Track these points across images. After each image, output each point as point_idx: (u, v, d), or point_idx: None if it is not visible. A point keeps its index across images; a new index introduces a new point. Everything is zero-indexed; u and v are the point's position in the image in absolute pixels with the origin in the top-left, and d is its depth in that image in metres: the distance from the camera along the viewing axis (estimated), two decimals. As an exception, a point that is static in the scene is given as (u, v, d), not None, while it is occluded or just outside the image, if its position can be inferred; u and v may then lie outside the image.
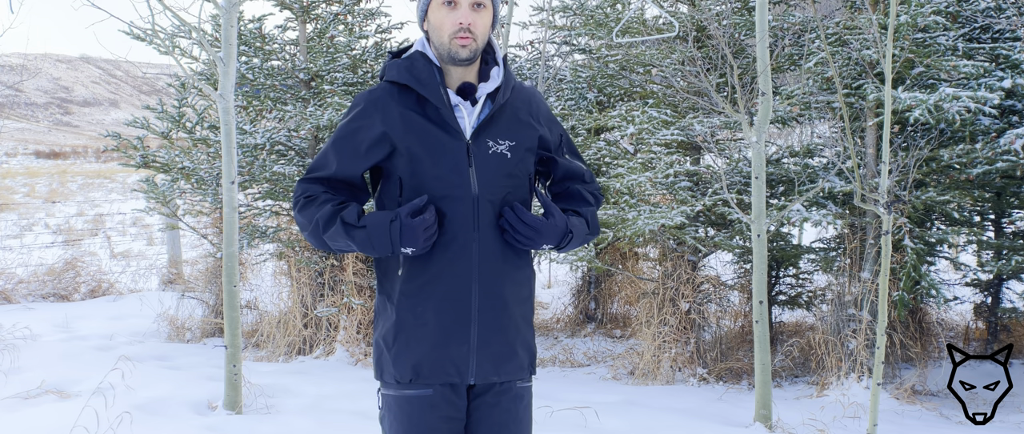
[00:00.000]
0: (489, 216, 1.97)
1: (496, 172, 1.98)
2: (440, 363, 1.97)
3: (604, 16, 6.41)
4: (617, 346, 6.83)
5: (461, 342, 1.97)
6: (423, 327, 1.97)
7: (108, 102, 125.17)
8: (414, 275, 1.97)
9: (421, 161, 1.95)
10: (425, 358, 1.97)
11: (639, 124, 5.86)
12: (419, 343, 1.98)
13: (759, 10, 4.04)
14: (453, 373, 1.98)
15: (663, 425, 4.36)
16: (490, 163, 1.98)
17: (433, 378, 1.98)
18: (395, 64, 2.03)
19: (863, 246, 5.42)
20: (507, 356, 2.03)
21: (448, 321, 1.96)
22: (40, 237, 12.77)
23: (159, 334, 6.77)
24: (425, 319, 1.97)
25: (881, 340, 3.86)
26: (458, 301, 1.96)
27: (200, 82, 4.46)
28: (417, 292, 1.97)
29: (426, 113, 1.97)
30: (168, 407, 4.33)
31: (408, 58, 2.02)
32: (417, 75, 1.98)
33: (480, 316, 1.98)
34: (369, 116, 2.00)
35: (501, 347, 2.01)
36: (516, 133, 2.03)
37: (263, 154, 6.32)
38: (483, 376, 2.00)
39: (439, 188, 1.94)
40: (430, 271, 1.96)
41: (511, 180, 2.01)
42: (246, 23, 6.53)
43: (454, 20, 1.94)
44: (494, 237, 1.98)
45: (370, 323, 6.25)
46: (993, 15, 5.43)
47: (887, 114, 3.82)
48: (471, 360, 1.98)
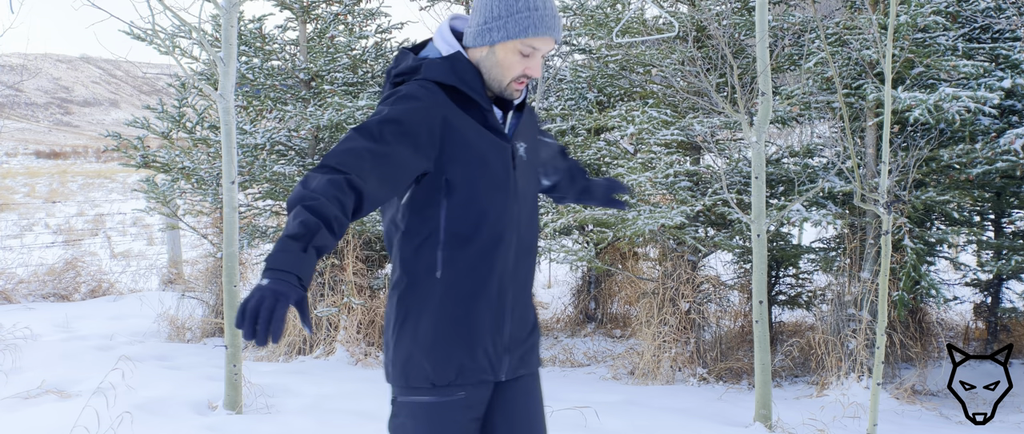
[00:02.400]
0: (524, 215, 2.04)
1: (527, 173, 2.06)
2: (479, 364, 1.98)
3: (604, 16, 6.41)
4: (617, 346, 6.83)
5: (497, 340, 2.00)
6: (463, 329, 1.96)
7: (108, 102, 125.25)
8: (456, 278, 1.94)
9: (472, 162, 1.92)
10: (466, 359, 1.96)
11: (639, 124, 5.87)
12: (460, 345, 1.95)
13: (759, 10, 4.04)
14: (489, 371, 2.00)
15: (663, 425, 4.36)
16: (522, 165, 2.04)
17: (473, 377, 1.97)
18: (437, 65, 1.95)
19: (863, 246, 5.43)
20: (531, 348, 2.11)
21: (488, 320, 1.98)
22: (40, 237, 12.78)
23: (159, 334, 6.77)
24: (466, 320, 1.96)
25: (881, 340, 3.86)
26: (498, 300, 1.98)
27: (200, 82, 4.46)
28: (458, 294, 1.95)
29: (471, 115, 1.96)
30: (168, 407, 4.33)
31: (449, 59, 1.96)
32: (463, 77, 1.95)
33: (513, 313, 2.02)
34: (428, 109, 1.88)
35: (528, 341, 2.09)
36: (530, 137, 2.11)
37: (263, 154, 6.32)
38: (513, 371, 2.05)
39: (488, 188, 1.94)
40: (472, 273, 1.95)
41: (535, 180, 2.12)
42: (246, 23, 6.53)
43: (524, 68, 1.95)
44: (527, 235, 2.05)
45: (370, 323, 6.25)
46: (993, 15, 5.43)
47: (887, 114, 3.82)
48: (505, 357, 2.03)
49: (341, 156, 1.75)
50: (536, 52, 1.94)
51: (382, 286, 6.42)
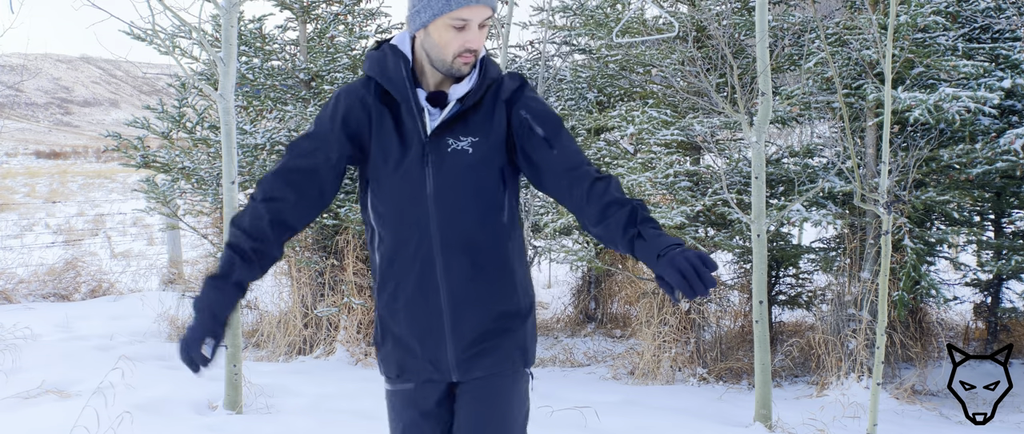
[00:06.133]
0: (448, 214, 1.93)
1: (454, 167, 1.93)
2: (419, 363, 2.01)
3: (604, 16, 6.41)
4: (617, 346, 6.83)
5: (436, 343, 1.98)
6: (399, 330, 2.02)
7: (108, 102, 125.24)
8: (385, 281, 2.00)
9: (381, 159, 1.95)
10: (405, 359, 2.03)
11: (639, 124, 5.87)
12: (397, 345, 2.03)
13: (759, 10, 4.04)
14: (432, 371, 2.01)
15: (663, 425, 4.36)
16: (447, 160, 1.93)
17: (415, 376, 2.04)
18: (369, 58, 2.01)
19: (863, 246, 5.43)
20: (488, 351, 2.00)
21: (419, 322, 1.98)
22: (40, 237, 12.77)
23: (159, 334, 6.77)
24: (400, 322, 2.01)
25: (881, 340, 3.86)
26: (425, 302, 1.97)
27: (200, 82, 4.46)
28: (389, 297, 2.01)
29: (392, 108, 1.97)
30: (168, 407, 4.33)
31: (379, 52, 1.99)
32: (383, 70, 1.96)
33: (454, 313, 1.96)
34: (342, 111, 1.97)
35: (483, 341, 1.99)
36: (483, 129, 1.96)
37: (263, 154, 6.32)
38: (465, 373, 2.00)
39: (397, 185, 1.95)
40: (396, 276, 1.98)
41: (472, 173, 1.94)
42: (246, 23, 6.53)
43: (462, 42, 1.90)
44: (453, 233, 1.94)
45: (370, 323, 6.25)
46: (993, 15, 5.43)
47: (887, 114, 3.82)
48: (448, 358, 1.99)
49: (265, 182, 1.96)
50: (470, 23, 1.89)
51: (382, 286, 6.42)
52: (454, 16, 1.87)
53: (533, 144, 1.94)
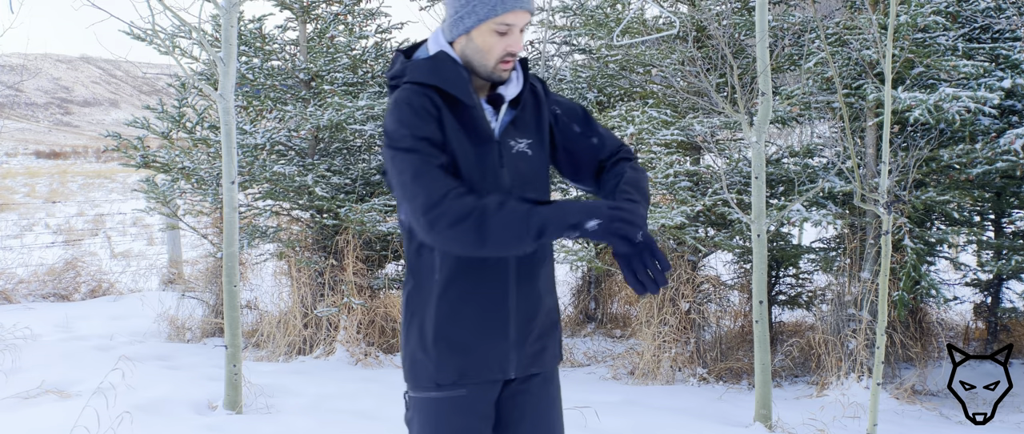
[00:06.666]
0: None
1: (522, 169, 2.01)
2: (484, 363, 1.99)
3: (604, 16, 6.41)
4: (617, 346, 6.83)
5: (502, 340, 1.99)
6: (460, 333, 1.98)
7: (108, 102, 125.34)
8: (451, 283, 1.96)
9: (459, 162, 1.93)
10: (465, 362, 1.98)
11: (639, 124, 5.86)
12: (455, 348, 1.98)
13: (759, 10, 4.04)
14: (496, 370, 2.01)
15: (663, 425, 4.36)
16: (517, 161, 2.00)
17: (477, 377, 1.99)
18: (419, 66, 1.97)
19: (863, 246, 5.43)
20: (542, 348, 2.08)
21: (489, 321, 1.98)
22: (40, 237, 12.77)
23: (159, 334, 6.77)
24: (464, 324, 1.97)
25: (881, 340, 3.86)
26: (498, 300, 1.98)
27: (200, 82, 4.46)
28: (456, 300, 1.97)
29: (456, 115, 1.96)
30: (168, 407, 4.33)
31: (432, 59, 1.97)
32: (445, 76, 1.95)
33: (518, 312, 2.00)
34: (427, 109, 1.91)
35: (538, 340, 2.06)
36: (533, 130, 2.06)
37: (263, 154, 6.33)
38: (522, 370, 2.04)
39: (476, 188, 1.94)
40: (469, 277, 1.96)
41: (534, 174, 2.04)
42: (246, 23, 6.53)
43: (504, 46, 1.93)
44: None
45: (370, 323, 6.25)
46: (993, 15, 5.43)
47: (887, 114, 3.82)
48: (512, 356, 2.01)
49: (434, 187, 1.83)
50: (512, 28, 1.93)
51: (382, 286, 6.42)
52: (499, 21, 1.91)
53: (571, 137, 2.10)
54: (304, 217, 6.67)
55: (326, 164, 6.42)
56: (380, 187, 6.62)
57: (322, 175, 6.26)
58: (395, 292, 6.34)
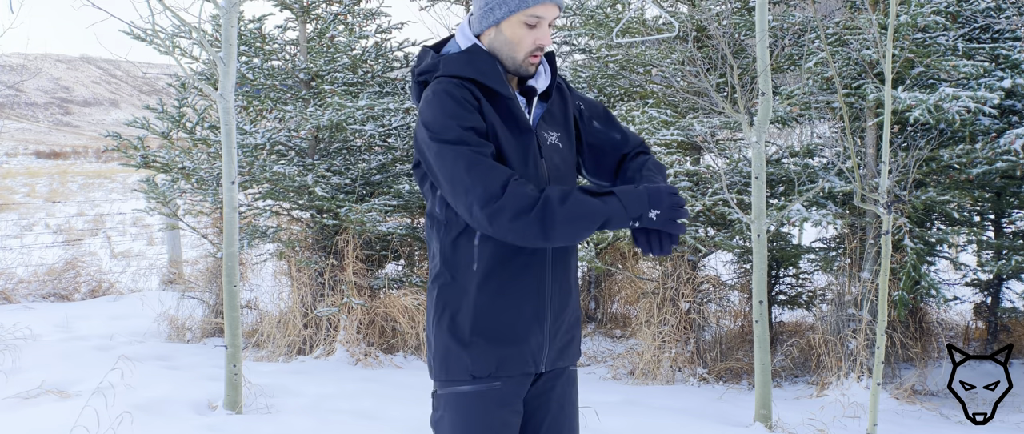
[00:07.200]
0: None
1: (556, 161, 2.03)
2: (520, 355, 1.99)
3: (604, 16, 6.41)
4: (617, 346, 6.83)
5: (538, 332, 2.00)
6: (500, 325, 1.96)
7: (108, 102, 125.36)
8: (491, 274, 1.94)
9: (500, 153, 1.93)
10: (504, 354, 1.97)
11: (639, 124, 5.86)
12: (493, 340, 1.96)
13: (759, 10, 4.04)
14: (530, 363, 2.01)
15: (663, 425, 4.36)
16: (551, 153, 2.02)
17: (513, 370, 1.98)
18: (454, 60, 1.96)
19: (863, 246, 5.43)
20: (570, 340, 2.10)
21: (527, 312, 1.98)
22: (40, 237, 12.77)
23: (159, 334, 6.77)
24: (504, 316, 1.96)
25: (881, 340, 3.86)
26: (535, 291, 1.98)
27: (200, 82, 4.46)
28: (495, 292, 1.95)
29: (495, 106, 1.96)
30: (168, 407, 4.33)
31: (467, 53, 1.97)
32: (482, 68, 1.95)
33: (552, 304, 2.02)
34: (469, 100, 1.91)
35: (567, 332, 2.08)
36: (561, 123, 2.08)
37: (263, 154, 6.33)
38: (552, 363, 2.06)
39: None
40: (510, 269, 1.95)
41: (566, 165, 2.06)
42: (246, 23, 6.53)
43: (533, 39, 1.95)
44: None
45: (370, 323, 6.25)
46: (993, 15, 5.43)
47: (887, 114, 3.82)
48: (546, 349, 2.03)
49: (490, 178, 1.82)
50: (542, 21, 1.94)
51: (382, 286, 6.42)
52: (530, 13, 1.93)
53: (595, 133, 2.15)
54: (304, 217, 6.67)
55: (326, 164, 6.42)
56: (380, 187, 6.62)
57: (322, 175, 6.26)
58: (395, 292, 6.34)
